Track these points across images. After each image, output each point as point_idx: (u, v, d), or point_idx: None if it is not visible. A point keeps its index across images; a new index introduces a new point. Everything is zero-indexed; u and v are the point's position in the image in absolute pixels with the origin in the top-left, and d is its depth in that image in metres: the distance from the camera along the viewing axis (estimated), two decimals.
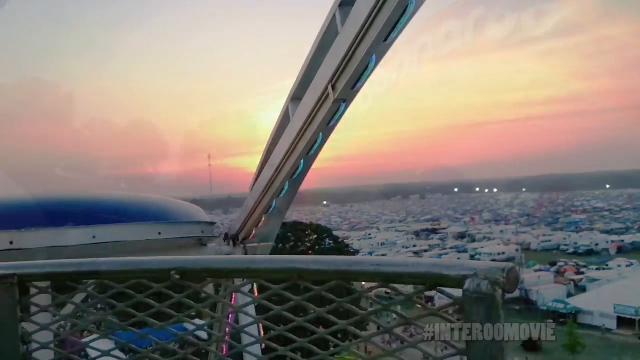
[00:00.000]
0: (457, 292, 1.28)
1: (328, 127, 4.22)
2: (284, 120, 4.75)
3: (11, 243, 4.05)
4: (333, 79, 3.75)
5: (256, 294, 2.06)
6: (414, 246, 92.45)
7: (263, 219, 5.68)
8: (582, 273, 61.22)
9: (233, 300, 4.73)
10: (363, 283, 1.58)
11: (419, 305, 1.47)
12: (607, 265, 64.79)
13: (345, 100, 3.88)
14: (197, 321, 1.85)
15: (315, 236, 43.32)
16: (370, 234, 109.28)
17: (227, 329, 2.77)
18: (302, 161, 4.76)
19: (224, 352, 2.67)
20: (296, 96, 4.48)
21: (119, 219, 4.76)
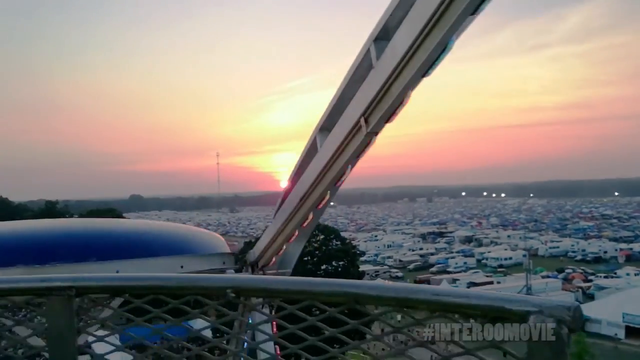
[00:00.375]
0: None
1: (358, 158, 4.18)
2: (311, 150, 4.67)
3: None
4: (366, 112, 3.70)
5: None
6: (420, 249, 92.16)
7: (284, 247, 5.59)
8: (590, 281, 60.65)
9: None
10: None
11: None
12: (615, 273, 64.20)
13: (377, 132, 3.84)
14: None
15: (322, 237, 43.31)
16: (376, 236, 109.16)
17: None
18: (328, 192, 4.72)
19: None
20: (325, 127, 4.42)
21: (142, 253, 4.86)
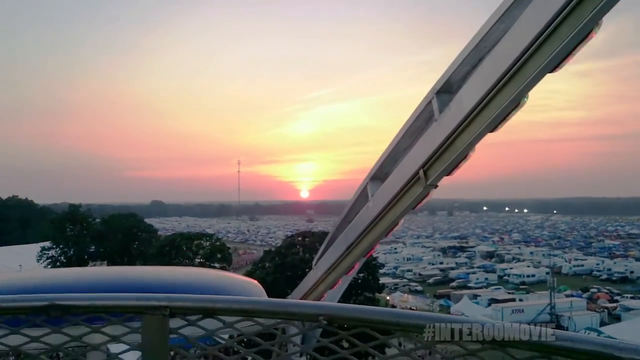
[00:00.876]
0: None
1: (412, 210, 4.01)
2: (361, 199, 4.52)
3: None
4: (426, 165, 3.55)
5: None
6: (441, 263, 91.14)
7: (326, 295, 5.42)
8: (616, 301, 59.02)
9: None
10: None
11: None
12: None
13: (436, 185, 3.67)
14: None
15: None
16: (395, 248, 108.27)
17: None
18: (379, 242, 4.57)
19: None
20: (377, 176, 4.30)
21: None
